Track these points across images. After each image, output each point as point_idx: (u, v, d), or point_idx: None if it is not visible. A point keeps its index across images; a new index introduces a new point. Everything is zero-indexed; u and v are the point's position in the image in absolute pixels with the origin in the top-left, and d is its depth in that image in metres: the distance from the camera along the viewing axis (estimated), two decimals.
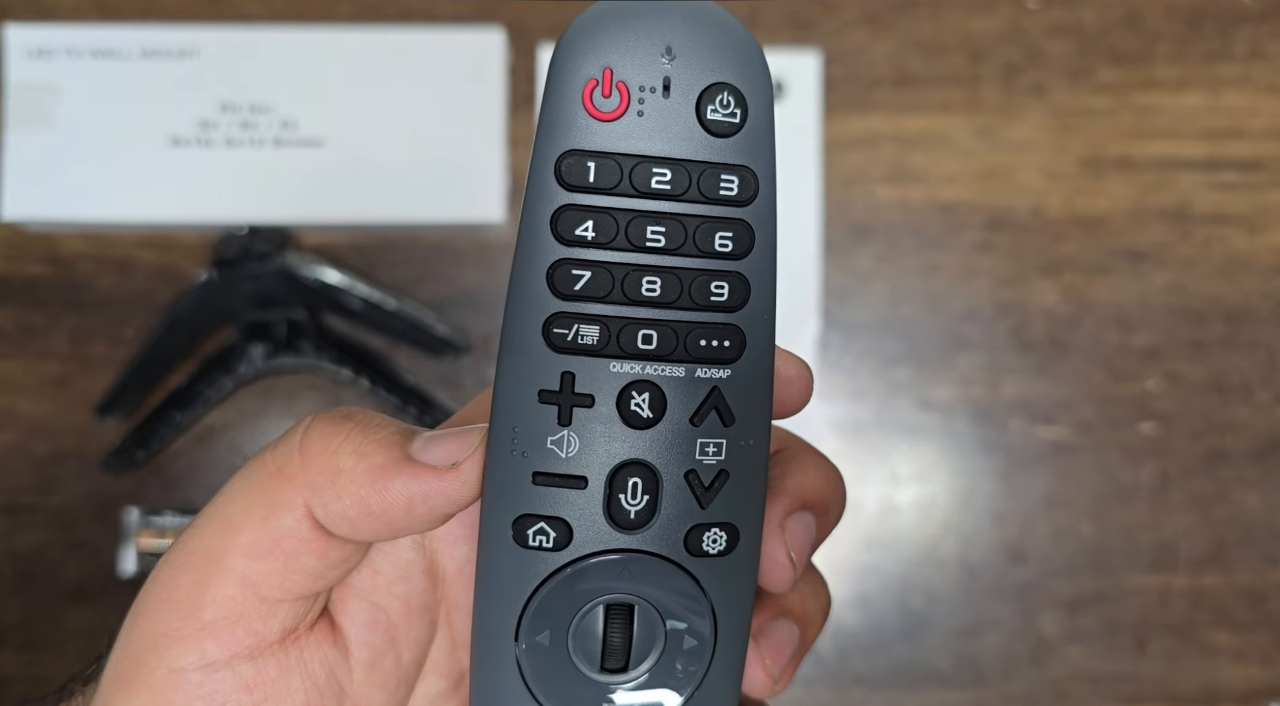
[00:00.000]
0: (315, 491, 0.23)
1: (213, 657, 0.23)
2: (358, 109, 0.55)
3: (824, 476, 0.27)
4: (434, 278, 0.57)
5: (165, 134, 0.54)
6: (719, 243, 0.23)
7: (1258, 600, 0.56)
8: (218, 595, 0.23)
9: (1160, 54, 0.58)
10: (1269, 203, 0.57)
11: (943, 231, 0.57)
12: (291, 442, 0.24)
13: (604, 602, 0.24)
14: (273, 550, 0.24)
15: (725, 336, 0.23)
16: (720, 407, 0.23)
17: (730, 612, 0.25)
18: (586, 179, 0.22)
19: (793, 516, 0.26)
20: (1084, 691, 0.55)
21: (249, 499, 0.24)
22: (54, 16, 0.56)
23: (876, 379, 0.57)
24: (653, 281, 0.23)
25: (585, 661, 0.24)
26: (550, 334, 0.23)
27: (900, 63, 0.57)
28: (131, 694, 0.24)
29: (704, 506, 0.24)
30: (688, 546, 0.24)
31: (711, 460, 0.24)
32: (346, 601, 0.25)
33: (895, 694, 0.55)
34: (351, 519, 0.23)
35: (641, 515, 0.24)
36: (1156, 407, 0.57)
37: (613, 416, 0.23)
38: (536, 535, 0.23)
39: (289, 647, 0.24)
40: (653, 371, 0.23)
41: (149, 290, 0.56)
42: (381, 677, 0.26)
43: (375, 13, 0.57)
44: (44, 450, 0.56)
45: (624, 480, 0.23)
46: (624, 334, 0.23)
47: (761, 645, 0.27)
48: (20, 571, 0.55)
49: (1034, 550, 0.56)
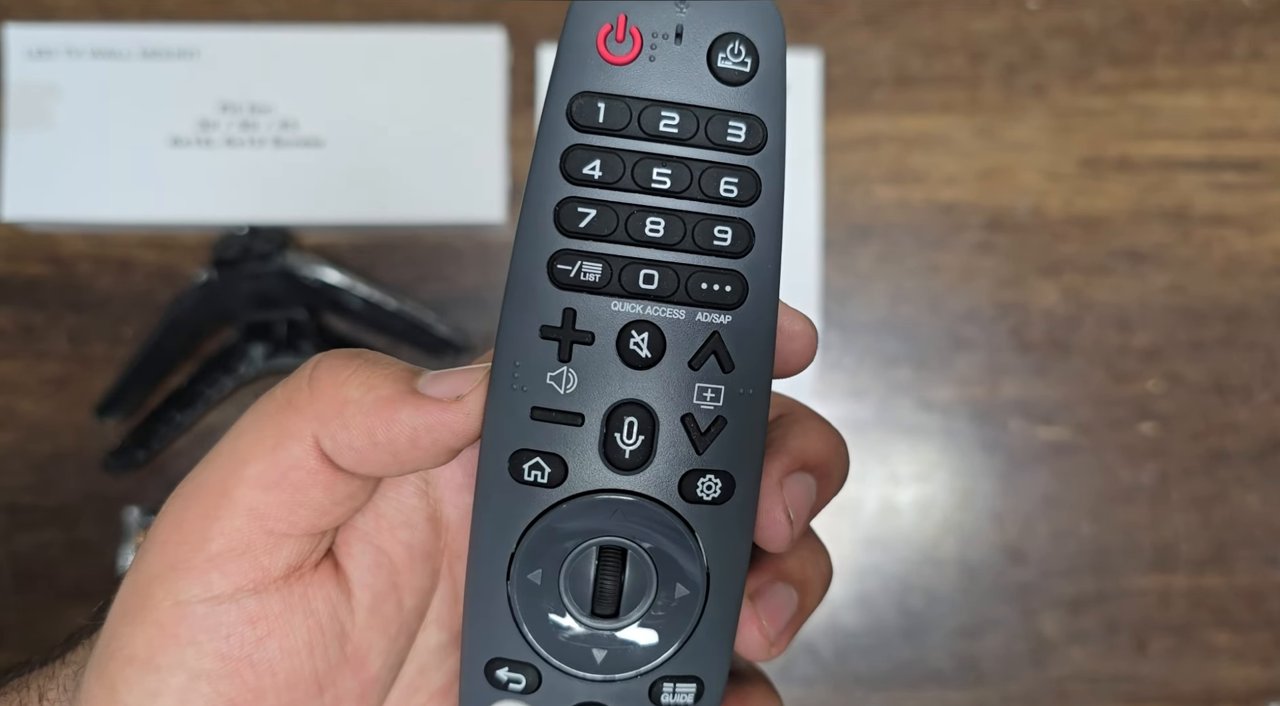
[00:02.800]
0: (323, 422, 0.24)
1: (218, 590, 0.24)
2: (358, 109, 0.55)
3: (826, 440, 0.27)
4: (434, 278, 0.57)
5: (165, 134, 0.54)
6: (724, 188, 0.23)
7: (1258, 600, 0.56)
8: (225, 527, 0.24)
9: (1160, 55, 0.58)
10: (1269, 203, 0.57)
11: (943, 232, 0.57)
12: (301, 377, 0.25)
13: (596, 545, 0.24)
14: (280, 481, 0.24)
15: (727, 281, 0.23)
16: (719, 353, 0.24)
17: (724, 564, 0.25)
18: (596, 120, 0.23)
19: (792, 476, 0.26)
20: (1084, 691, 0.55)
21: (258, 431, 0.24)
22: (54, 16, 0.56)
23: (876, 379, 0.57)
24: (656, 222, 0.23)
25: (576, 604, 0.24)
26: (554, 270, 0.23)
27: (900, 63, 0.57)
28: (137, 627, 0.24)
29: (700, 452, 0.24)
30: (682, 492, 0.24)
31: (709, 406, 0.24)
32: (351, 543, 0.26)
33: (895, 694, 0.55)
34: (358, 449, 0.24)
35: (637, 456, 0.24)
36: (1156, 408, 0.57)
37: (612, 355, 0.23)
38: (532, 470, 0.24)
39: (293, 584, 0.24)
40: (653, 312, 0.23)
41: (149, 290, 0.56)
42: (383, 622, 0.26)
43: (375, 13, 0.57)
44: (44, 450, 0.56)
45: (620, 419, 0.24)
46: (625, 273, 0.23)
47: (758, 606, 0.27)
48: (20, 571, 0.55)
49: (1034, 550, 0.56)
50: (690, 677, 0.25)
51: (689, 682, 0.25)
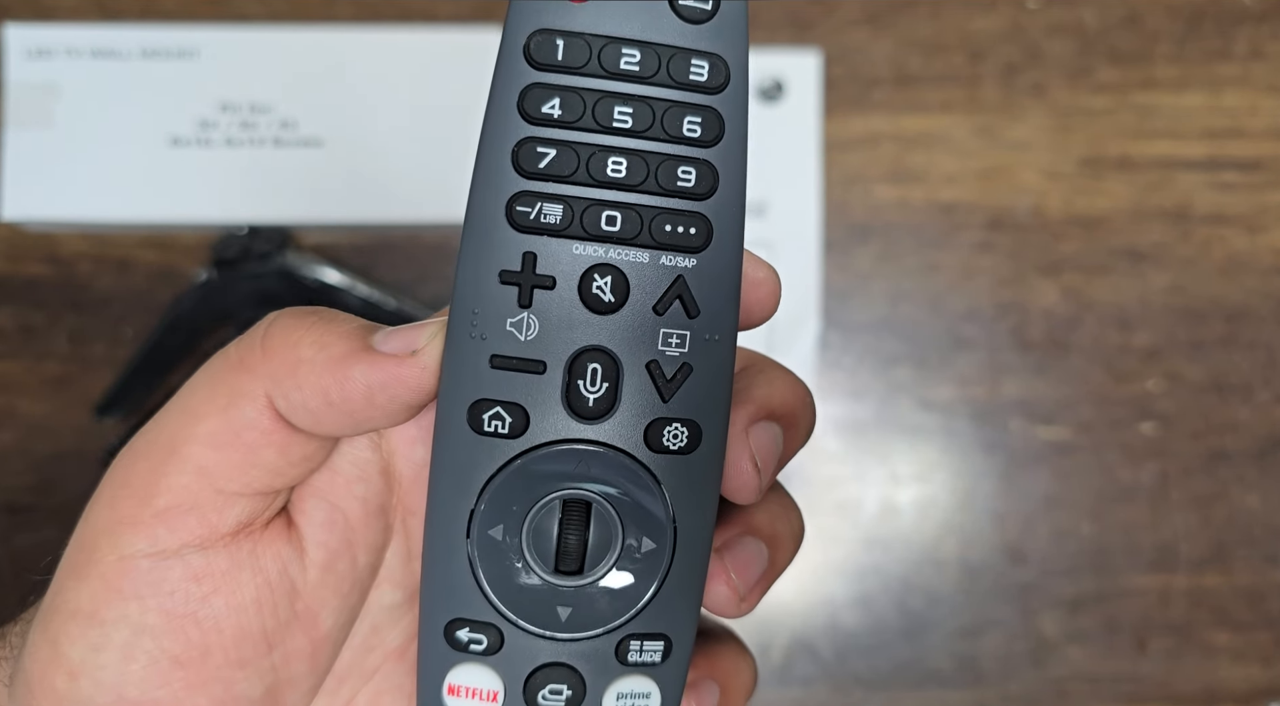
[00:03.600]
0: (276, 382, 0.23)
1: (163, 545, 0.23)
2: (358, 109, 0.55)
3: (791, 389, 0.27)
4: (434, 278, 0.57)
5: (165, 134, 0.54)
6: (687, 127, 0.23)
7: (1258, 600, 0.56)
8: (173, 483, 0.23)
9: (1160, 54, 0.58)
10: (1269, 202, 0.57)
11: (943, 231, 0.57)
12: (254, 336, 0.24)
13: (559, 498, 0.24)
14: (233, 441, 0.23)
15: (691, 224, 0.23)
16: (684, 297, 0.23)
17: (691, 516, 0.24)
18: (555, 57, 0.22)
19: (758, 424, 0.26)
20: (1084, 691, 0.55)
21: (210, 390, 0.24)
22: (54, 16, 0.56)
23: (876, 379, 0.57)
24: (618, 162, 0.23)
25: (539, 560, 0.24)
26: (513, 213, 0.23)
27: (900, 62, 0.57)
28: (82, 580, 0.24)
29: (665, 400, 0.23)
30: (648, 441, 0.24)
31: (674, 352, 0.23)
32: (304, 500, 0.25)
33: (895, 694, 0.55)
34: (312, 409, 0.23)
35: (600, 404, 0.23)
36: (1157, 408, 0.57)
37: (574, 300, 0.23)
38: (492, 420, 0.23)
39: (241, 542, 0.24)
40: (616, 255, 0.23)
41: (149, 290, 0.56)
42: (336, 580, 0.25)
43: (374, 13, 0.57)
44: (44, 450, 0.56)
45: (583, 366, 0.23)
46: (587, 215, 0.23)
47: (727, 560, 0.26)
48: (20, 571, 0.55)
49: (1034, 550, 0.56)
50: (658, 635, 0.25)
51: (656, 640, 0.25)
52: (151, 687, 0.23)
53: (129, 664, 0.23)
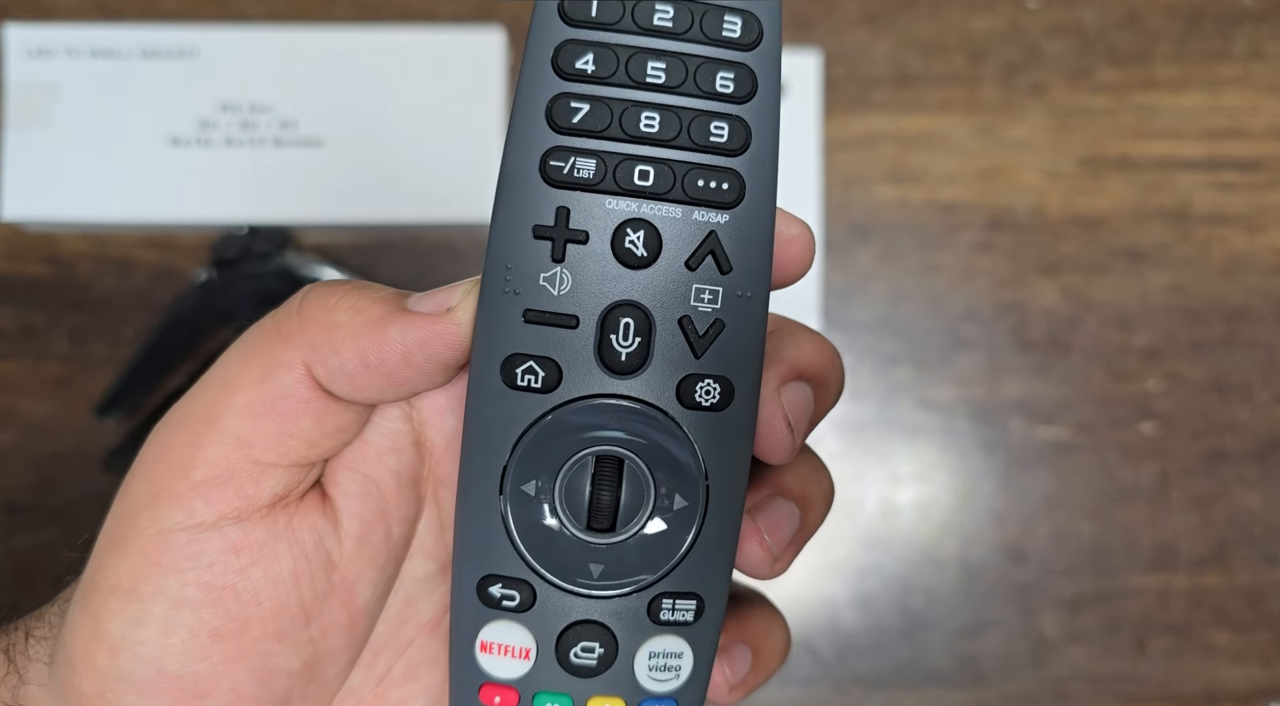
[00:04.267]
0: (313, 349, 0.23)
1: (201, 518, 0.23)
2: (358, 109, 0.55)
3: (820, 350, 0.27)
4: (434, 277, 0.57)
5: (165, 134, 0.54)
6: (720, 83, 0.23)
7: (1258, 600, 0.56)
8: (210, 455, 0.23)
9: (1160, 54, 0.58)
10: (1269, 202, 0.57)
11: (942, 231, 0.57)
12: (290, 307, 0.24)
13: (592, 455, 0.24)
14: (269, 411, 0.24)
15: (724, 179, 0.23)
16: (717, 253, 0.23)
17: (723, 474, 0.24)
18: (589, 14, 0.22)
19: (790, 384, 0.26)
20: (1084, 691, 0.55)
21: (246, 361, 0.24)
22: (54, 16, 0.56)
23: (876, 379, 0.57)
24: (651, 117, 0.23)
25: (572, 517, 0.24)
26: (546, 168, 0.23)
27: (900, 62, 0.57)
28: (121, 556, 0.24)
29: (698, 355, 0.23)
30: (680, 397, 0.24)
31: (707, 308, 0.23)
32: (338, 472, 0.25)
33: (895, 694, 0.55)
34: (350, 373, 0.23)
35: (633, 359, 0.23)
36: (1156, 407, 0.57)
37: (607, 254, 0.23)
38: (525, 375, 0.23)
39: (278, 514, 0.24)
40: (649, 210, 0.23)
41: (149, 290, 0.56)
42: (371, 552, 0.25)
43: (375, 12, 0.57)
44: (44, 450, 0.56)
45: (616, 321, 0.23)
46: (620, 169, 0.23)
47: (759, 521, 0.26)
48: (20, 571, 0.55)
49: (1034, 550, 0.56)
50: (690, 594, 0.25)
51: (689, 599, 0.25)
52: (191, 661, 0.23)
53: (168, 637, 0.23)
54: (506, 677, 0.25)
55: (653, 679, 0.25)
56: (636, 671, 0.25)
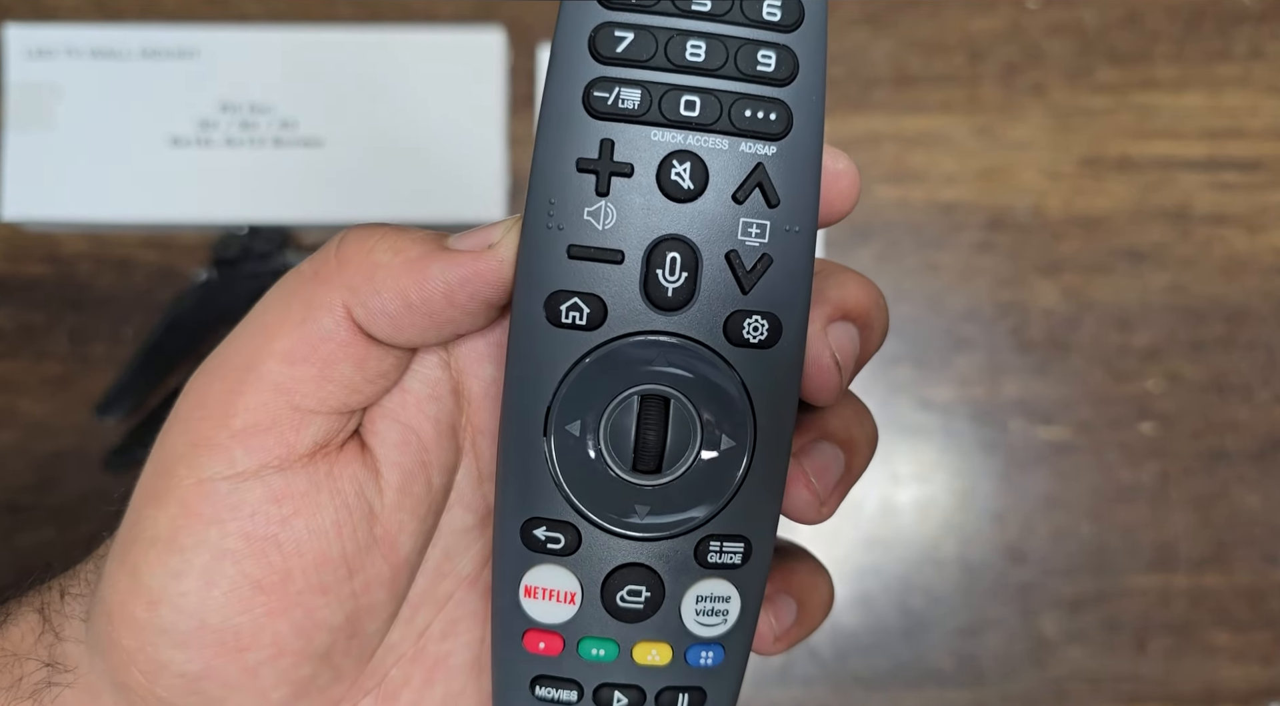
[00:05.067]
0: (353, 290, 0.23)
1: (242, 467, 0.23)
2: (358, 109, 0.55)
3: (865, 290, 0.26)
4: None
5: (165, 134, 0.55)
6: (767, 11, 0.22)
7: (1257, 600, 0.56)
8: (250, 402, 0.23)
9: (1160, 54, 0.58)
10: (1269, 202, 0.57)
11: (942, 231, 0.57)
12: (328, 250, 0.24)
13: (638, 394, 0.23)
14: (309, 355, 0.23)
15: (771, 109, 0.22)
16: (764, 186, 0.23)
17: (771, 414, 0.23)
18: None
19: (836, 323, 0.25)
20: (1084, 691, 0.55)
21: (285, 306, 0.24)
22: (54, 16, 0.56)
23: (876, 379, 0.57)
24: (697, 46, 0.22)
25: (617, 458, 0.23)
26: (590, 99, 0.22)
27: (900, 62, 0.57)
28: (160, 507, 0.23)
29: (745, 291, 0.23)
30: (727, 333, 0.23)
31: (754, 241, 0.23)
32: (377, 421, 0.25)
33: (895, 694, 0.55)
34: (392, 313, 0.23)
35: (679, 294, 0.23)
36: (1156, 407, 0.57)
37: (652, 187, 0.22)
38: (570, 312, 0.22)
39: (319, 462, 0.24)
40: (695, 142, 0.22)
41: (149, 290, 0.56)
42: (413, 502, 0.25)
43: (375, 12, 0.57)
44: (44, 449, 0.56)
45: (662, 255, 0.22)
46: (666, 100, 0.22)
47: (805, 464, 0.26)
48: (20, 570, 0.55)
49: (1034, 550, 0.56)
50: (737, 536, 0.24)
51: (736, 542, 0.24)
52: (233, 613, 0.23)
53: (210, 589, 0.23)
54: (551, 622, 0.24)
55: (700, 623, 0.24)
56: (683, 615, 0.24)
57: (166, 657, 0.23)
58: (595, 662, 0.24)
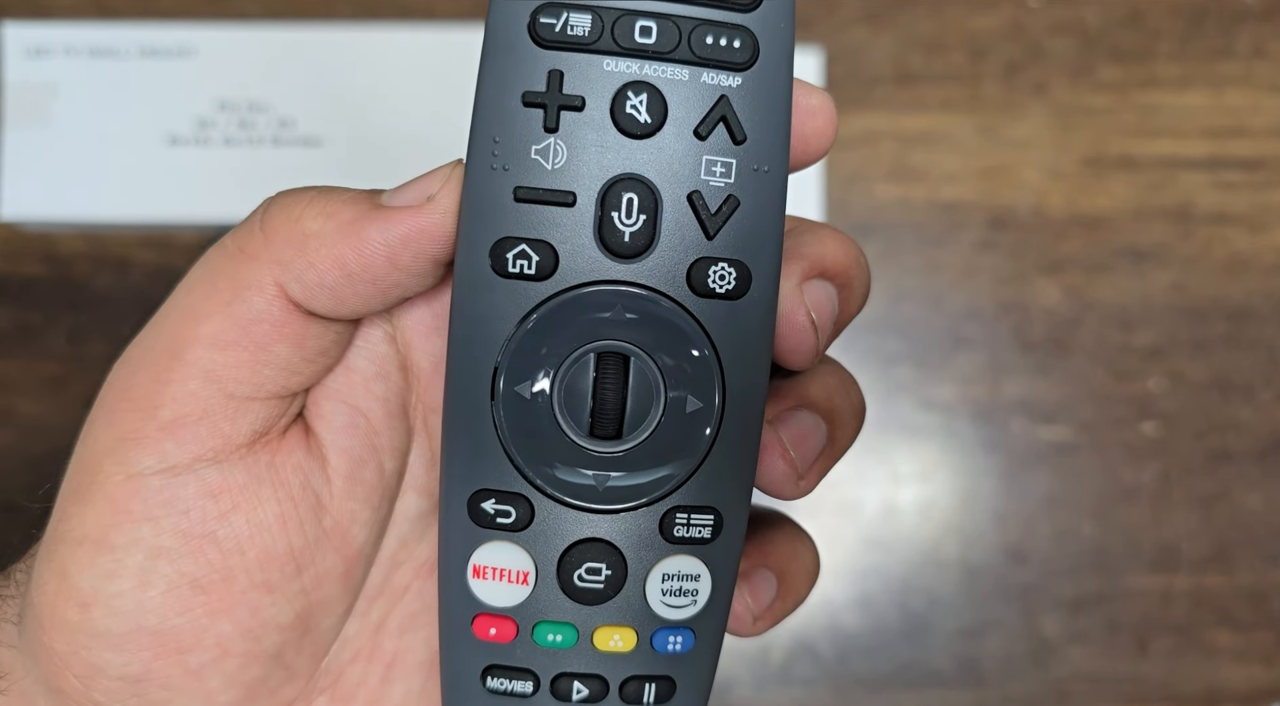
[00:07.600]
0: (285, 265, 0.21)
1: (174, 460, 0.22)
2: (357, 108, 0.55)
3: (844, 247, 0.24)
4: None
5: (163, 133, 0.54)
6: None
7: (1260, 600, 0.56)
8: (179, 391, 0.21)
9: (1162, 52, 0.58)
10: (1271, 202, 0.57)
11: (943, 230, 0.57)
12: (252, 221, 0.22)
13: (594, 351, 0.21)
14: (241, 339, 0.21)
15: (735, 36, 0.20)
16: (729, 120, 0.20)
17: (741, 372, 0.21)
18: None
19: (812, 281, 0.23)
20: (1085, 692, 0.55)
21: (211, 285, 0.22)
22: (52, 15, 0.56)
23: (877, 379, 0.56)
24: None
25: (572, 422, 0.21)
26: (536, 25, 0.20)
27: (901, 61, 0.57)
28: (86, 504, 0.22)
29: (710, 236, 0.21)
30: (691, 283, 0.21)
31: (719, 182, 0.21)
32: (321, 404, 0.23)
33: (896, 695, 0.55)
34: (331, 286, 0.21)
35: (637, 240, 0.21)
36: (1158, 407, 0.56)
37: (606, 122, 0.20)
38: (517, 260, 0.20)
39: (258, 453, 0.22)
40: (652, 72, 0.20)
41: (147, 289, 0.56)
42: (364, 490, 0.23)
43: (374, 11, 0.57)
44: (42, 449, 0.55)
45: (617, 197, 0.20)
46: (619, 26, 0.20)
47: (782, 432, 0.23)
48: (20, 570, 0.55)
49: (1035, 551, 0.56)
50: (706, 508, 0.22)
51: (705, 514, 0.22)
52: (171, 614, 0.22)
53: (145, 589, 0.22)
54: (503, 606, 0.22)
55: (666, 604, 0.22)
56: (649, 596, 0.22)
57: (102, 661, 0.22)
58: (552, 650, 0.22)
